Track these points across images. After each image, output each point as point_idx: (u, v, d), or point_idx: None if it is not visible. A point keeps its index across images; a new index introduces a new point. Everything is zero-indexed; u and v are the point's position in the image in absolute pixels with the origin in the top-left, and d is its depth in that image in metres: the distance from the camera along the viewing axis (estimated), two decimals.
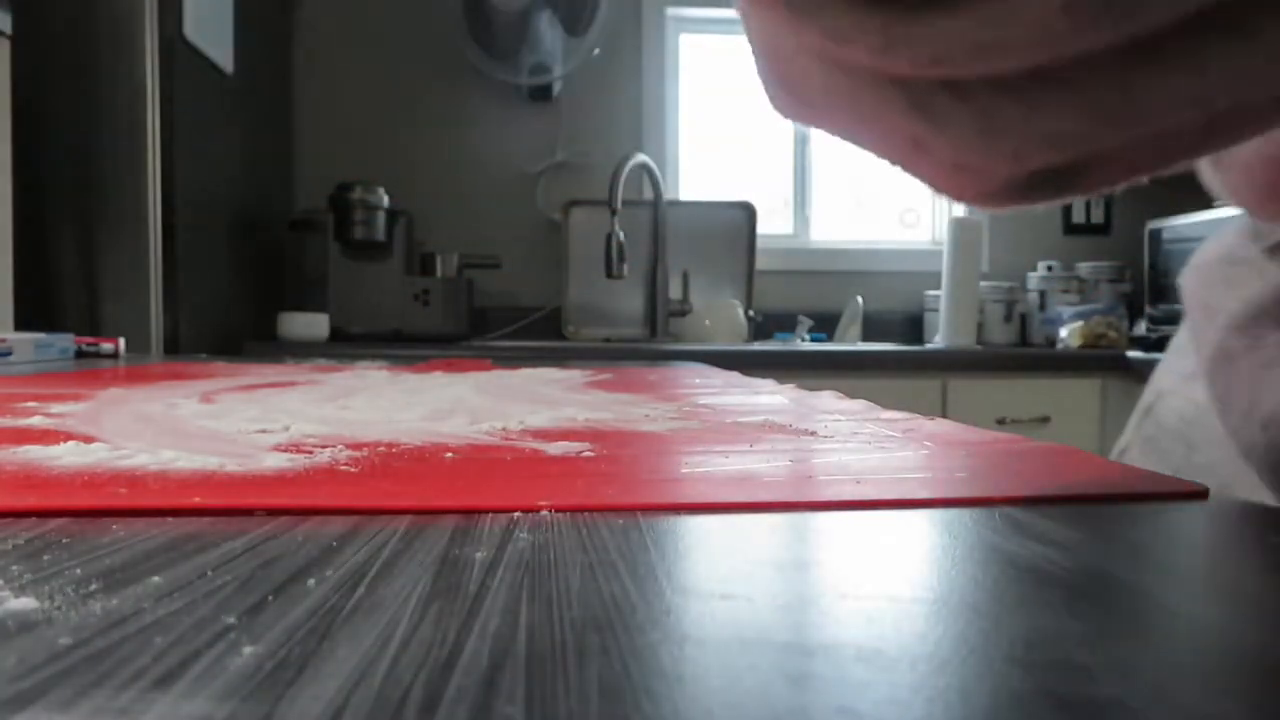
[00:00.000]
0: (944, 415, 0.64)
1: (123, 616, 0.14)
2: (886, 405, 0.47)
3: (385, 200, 1.79)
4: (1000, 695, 0.12)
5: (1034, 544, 0.20)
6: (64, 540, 0.19)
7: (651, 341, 1.96)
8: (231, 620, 0.14)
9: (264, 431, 0.35)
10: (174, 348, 1.37)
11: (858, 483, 0.26)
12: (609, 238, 1.83)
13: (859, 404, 0.49)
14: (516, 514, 0.22)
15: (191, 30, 1.41)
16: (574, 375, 0.75)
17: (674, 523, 0.21)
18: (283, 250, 1.82)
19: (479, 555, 0.18)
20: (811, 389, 0.59)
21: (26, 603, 0.14)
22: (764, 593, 0.16)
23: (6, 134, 1.25)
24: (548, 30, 1.96)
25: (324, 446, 0.31)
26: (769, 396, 0.56)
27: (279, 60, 2.00)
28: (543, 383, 0.66)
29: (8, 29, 1.24)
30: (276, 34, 1.98)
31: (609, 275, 1.85)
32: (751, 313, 2.03)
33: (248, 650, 0.13)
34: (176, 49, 1.37)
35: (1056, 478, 0.28)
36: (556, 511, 0.22)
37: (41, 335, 0.95)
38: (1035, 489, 0.25)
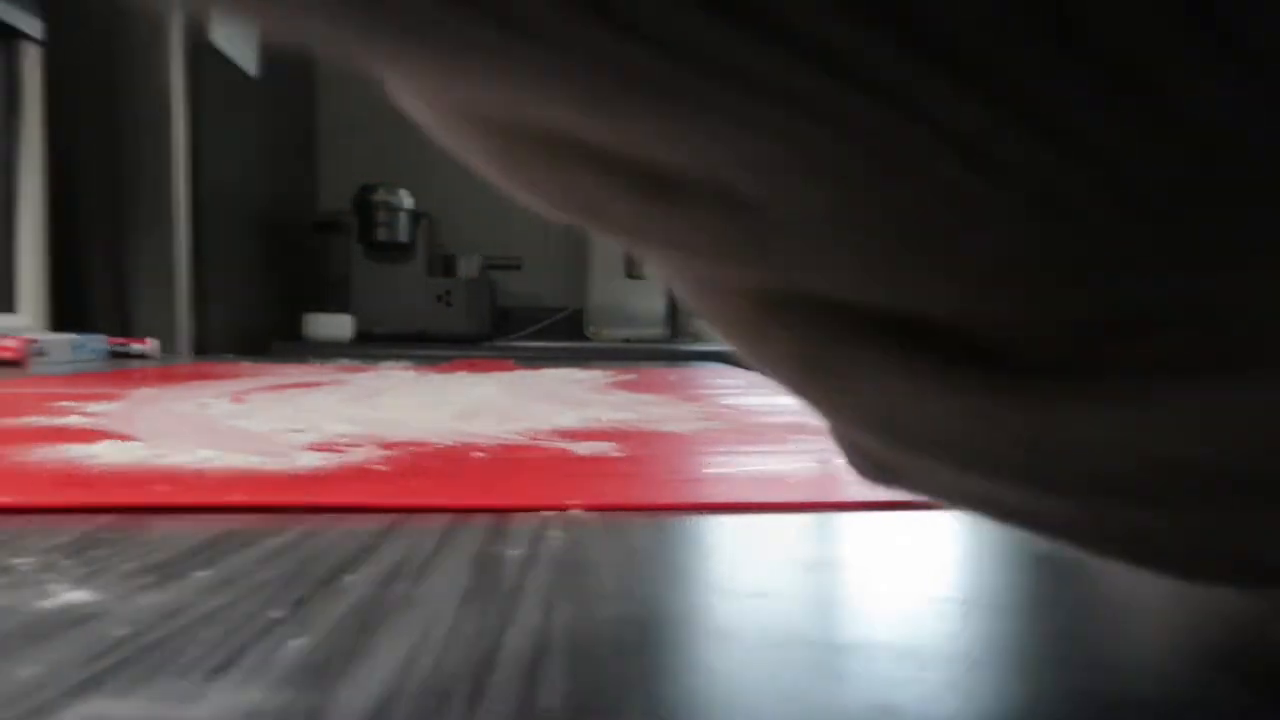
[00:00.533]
0: None
1: (174, 609, 0.14)
2: None
3: (408, 202, 1.81)
4: (1034, 694, 0.12)
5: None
6: (111, 536, 0.19)
7: (673, 341, 1.96)
8: (279, 614, 0.14)
9: (296, 430, 0.35)
10: (202, 348, 1.39)
11: None
12: None
13: None
14: (548, 513, 0.22)
15: (218, 36, 1.43)
16: (597, 376, 0.76)
17: (703, 522, 0.22)
18: (307, 252, 1.84)
19: (514, 553, 0.18)
20: None
21: (81, 595, 0.15)
22: (796, 591, 0.16)
23: (38, 139, 1.27)
24: None
25: (356, 445, 0.32)
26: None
27: (303, 64, 2.02)
28: (567, 383, 0.66)
29: (39, 36, 1.26)
30: None
31: (630, 275, 1.85)
32: None
33: (297, 642, 0.13)
34: (203, 54, 1.39)
35: None
36: (587, 510, 0.22)
37: (76, 336, 0.97)
38: None
